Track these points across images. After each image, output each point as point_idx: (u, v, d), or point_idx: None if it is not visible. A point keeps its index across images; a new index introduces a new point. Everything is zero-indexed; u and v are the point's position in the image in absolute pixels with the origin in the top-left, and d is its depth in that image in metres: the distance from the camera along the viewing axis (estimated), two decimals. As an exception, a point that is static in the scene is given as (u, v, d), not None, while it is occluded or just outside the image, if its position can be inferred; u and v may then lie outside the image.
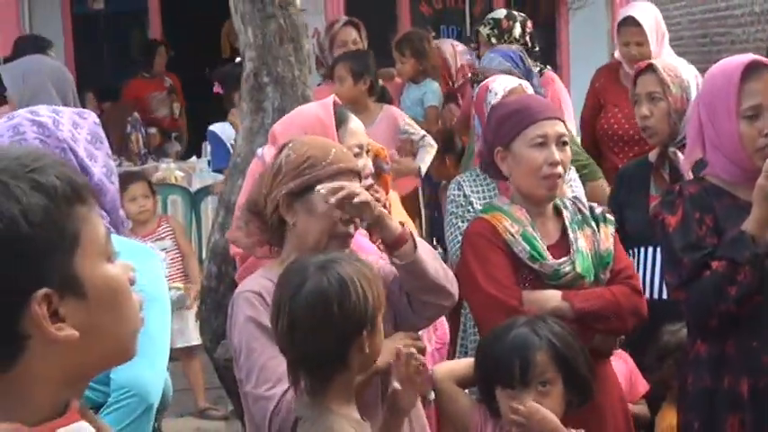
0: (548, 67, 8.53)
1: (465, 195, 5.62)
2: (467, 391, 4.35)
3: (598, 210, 4.71)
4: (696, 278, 4.40)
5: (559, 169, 4.53)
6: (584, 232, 4.59)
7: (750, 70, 4.34)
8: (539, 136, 4.50)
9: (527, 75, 7.36)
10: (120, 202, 4.02)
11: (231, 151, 7.69)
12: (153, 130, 12.53)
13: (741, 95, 4.40)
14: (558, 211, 4.65)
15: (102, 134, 3.99)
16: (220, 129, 9.24)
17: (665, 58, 5.75)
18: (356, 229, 4.02)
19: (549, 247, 4.53)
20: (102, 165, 3.90)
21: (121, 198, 7.83)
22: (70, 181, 1.95)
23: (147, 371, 3.72)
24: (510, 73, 7.33)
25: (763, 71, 4.37)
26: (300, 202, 3.89)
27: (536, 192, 4.56)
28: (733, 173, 4.52)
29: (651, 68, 5.51)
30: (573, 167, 5.64)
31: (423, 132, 8.23)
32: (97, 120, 4.06)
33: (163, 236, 8.52)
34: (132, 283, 2.06)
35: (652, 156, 5.71)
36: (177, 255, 8.62)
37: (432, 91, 9.36)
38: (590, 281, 4.52)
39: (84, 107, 8.36)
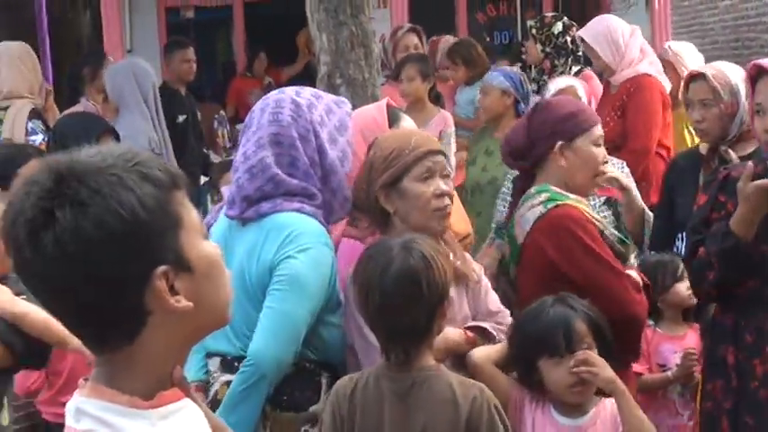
0: (588, 67, 8.46)
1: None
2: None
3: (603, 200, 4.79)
4: (691, 258, 4.46)
5: (608, 167, 4.58)
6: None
7: (760, 72, 4.31)
8: (600, 137, 4.47)
9: (524, 98, 7.46)
10: (345, 183, 4.02)
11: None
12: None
13: (754, 94, 4.42)
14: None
15: (350, 123, 4.06)
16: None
17: (716, 65, 5.57)
18: (452, 202, 3.99)
19: None
20: (339, 150, 3.98)
21: (219, 184, 8.00)
22: (167, 170, 1.99)
23: (271, 345, 3.76)
24: (507, 92, 7.54)
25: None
26: (395, 190, 3.89)
27: (590, 185, 4.53)
28: None
29: (702, 76, 5.36)
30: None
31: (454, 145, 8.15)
32: (350, 110, 4.15)
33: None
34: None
35: (703, 147, 5.63)
36: None
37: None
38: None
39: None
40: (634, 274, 4.40)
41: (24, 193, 1.91)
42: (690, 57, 8.20)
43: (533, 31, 9.03)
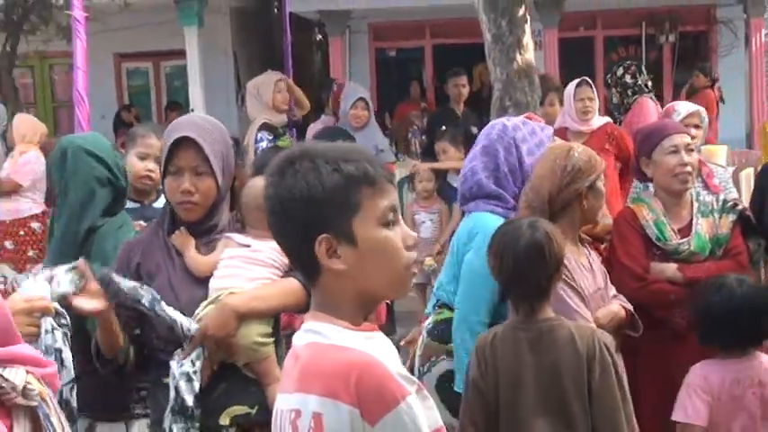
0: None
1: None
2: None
3: (729, 203, 4.41)
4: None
5: (688, 168, 4.30)
6: (707, 219, 4.32)
7: None
8: (672, 146, 4.32)
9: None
10: (520, 184, 3.96)
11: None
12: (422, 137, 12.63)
13: None
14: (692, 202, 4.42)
15: (547, 143, 4.01)
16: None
17: None
18: None
19: (679, 229, 4.31)
20: (534, 160, 3.94)
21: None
22: (365, 170, 1.95)
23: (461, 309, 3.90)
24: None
25: None
26: (592, 189, 3.81)
27: (673, 187, 4.35)
28: None
29: None
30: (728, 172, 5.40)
31: None
32: (550, 133, 4.10)
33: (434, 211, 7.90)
34: (412, 246, 2.02)
35: None
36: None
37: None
38: (704, 256, 4.27)
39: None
40: (668, 266, 4.25)
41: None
42: None
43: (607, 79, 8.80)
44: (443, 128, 8.39)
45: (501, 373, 3.37)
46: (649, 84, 7.85)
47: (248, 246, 3.19)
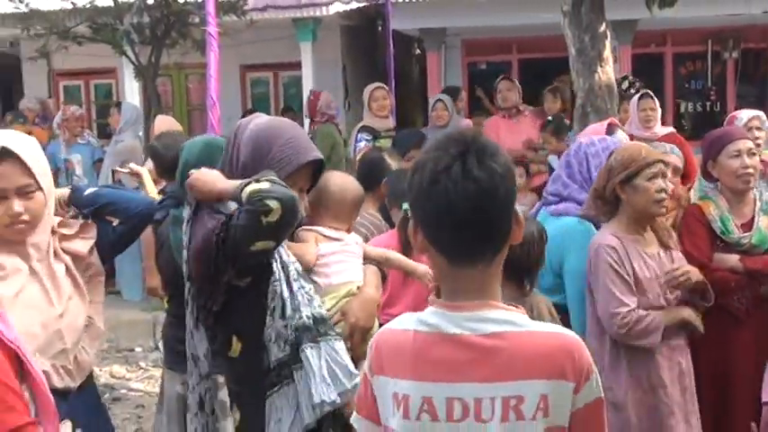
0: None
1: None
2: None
3: None
4: None
5: (750, 170, 4.25)
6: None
7: None
8: (735, 150, 4.27)
9: None
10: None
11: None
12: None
13: None
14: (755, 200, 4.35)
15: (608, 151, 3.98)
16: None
17: None
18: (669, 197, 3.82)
19: (742, 225, 4.26)
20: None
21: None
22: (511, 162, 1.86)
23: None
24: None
25: None
26: (630, 185, 3.75)
27: (736, 187, 4.31)
28: None
29: None
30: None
31: None
32: (616, 144, 4.08)
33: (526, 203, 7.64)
34: None
35: None
36: None
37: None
38: (763, 249, 4.22)
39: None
40: (730, 257, 4.19)
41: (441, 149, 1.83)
42: None
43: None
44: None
45: None
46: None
47: (340, 240, 3.10)
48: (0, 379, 1.76)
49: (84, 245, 3.00)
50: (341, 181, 3.17)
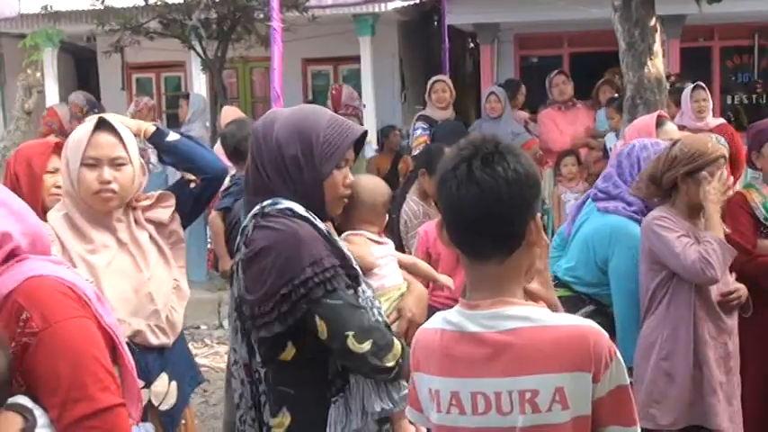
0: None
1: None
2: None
3: None
4: None
5: None
6: None
7: None
8: None
9: None
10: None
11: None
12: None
13: None
14: None
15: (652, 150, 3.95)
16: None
17: None
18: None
19: None
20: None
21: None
22: (529, 167, 1.83)
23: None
24: None
25: None
26: (692, 177, 3.67)
27: None
28: None
29: None
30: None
31: None
32: (660, 144, 3.98)
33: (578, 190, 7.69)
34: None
35: None
36: None
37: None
38: None
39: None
40: None
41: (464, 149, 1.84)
42: None
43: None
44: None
45: None
46: None
47: (386, 243, 3.08)
48: (98, 359, 1.82)
49: (164, 212, 3.08)
50: (371, 186, 3.12)
